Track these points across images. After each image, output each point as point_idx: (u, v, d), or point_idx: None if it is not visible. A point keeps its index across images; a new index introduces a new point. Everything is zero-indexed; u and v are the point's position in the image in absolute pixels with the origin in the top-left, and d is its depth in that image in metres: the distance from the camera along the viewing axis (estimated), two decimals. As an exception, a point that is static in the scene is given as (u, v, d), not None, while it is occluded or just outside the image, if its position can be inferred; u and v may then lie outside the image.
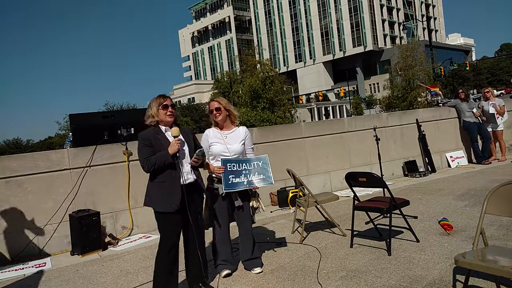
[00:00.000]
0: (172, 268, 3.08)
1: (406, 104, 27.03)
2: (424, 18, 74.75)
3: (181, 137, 3.08)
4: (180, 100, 77.50)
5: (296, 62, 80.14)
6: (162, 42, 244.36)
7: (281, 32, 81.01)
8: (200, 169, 3.31)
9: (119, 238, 5.20)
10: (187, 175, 3.09)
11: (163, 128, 3.12)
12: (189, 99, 78.84)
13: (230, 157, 3.53)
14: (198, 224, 3.19)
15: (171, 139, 3.04)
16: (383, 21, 73.27)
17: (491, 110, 8.32)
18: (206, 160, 3.62)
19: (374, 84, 70.62)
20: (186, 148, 3.13)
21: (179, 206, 2.98)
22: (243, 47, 73.79)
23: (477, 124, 8.33)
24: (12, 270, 4.34)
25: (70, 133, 6.34)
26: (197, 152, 3.11)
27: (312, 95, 69.02)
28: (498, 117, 8.33)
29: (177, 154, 3.01)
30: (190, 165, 3.12)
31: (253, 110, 31.61)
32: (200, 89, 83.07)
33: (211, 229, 3.67)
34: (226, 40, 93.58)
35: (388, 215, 3.74)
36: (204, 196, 3.32)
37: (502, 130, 8.39)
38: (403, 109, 25.31)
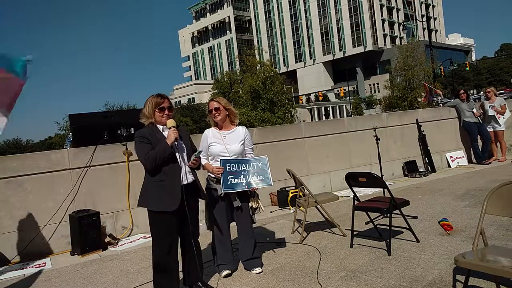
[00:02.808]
0: (172, 270, 3.02)
1: (406, 104, 27.04)
2: (424, 18, 74.69)
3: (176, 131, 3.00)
4: (180, 100, 77.51)
5: (296, 62, 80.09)
6: (162, 42, 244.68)
7: (281, 32, 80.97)
8: (199, 170, 3.30)
9: (119, 238, 5.20)
10: (186, 176, 3.05)
11: (160, 127, 3.07)
12: (189, 99, 78.86)
13: (229, 158, 3.53)
14: (195, 225, 3.17)
15: None
16: (383, 21, 73.24)
17: (490, 112, 8.32)
18: (206, 160, 3.63)
19: (374, 84, 70.59)
20: (184, 148, 3.10)
21: (178, 205, 2.93)
22: (243, 47, 73.73)
23: (477, 124, 8.33)
24: (12, 270, 4.34)
25: (70, 133, 6.34)
26: (195, 153, 3.10)
27: (312, 96, 69.05)
28: (500, 117, 8.32)
29: (176, 144, 2.96)
30: (188, 167, 3.09)
31: (254, 110, 31.62)
32: (200, 89, 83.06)
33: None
34: (226, 40, 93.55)
35: (388, 215, 3.74)
36: (202, 197, 3.27)
37: (504, 130, 8.38)
38: (403, 109, 25.32)
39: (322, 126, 7.65)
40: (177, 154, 3.00)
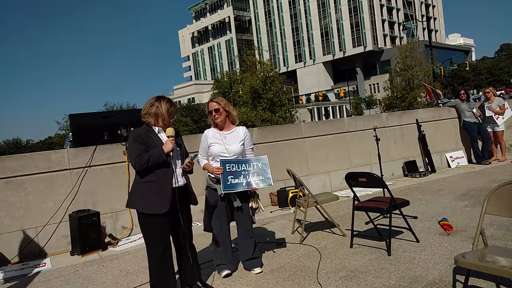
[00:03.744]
0: (168, 271, 3.00)
1: (406, 104, 27.01)
2: (424, 18, 74.72)
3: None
4: (180, 100, 77.56)
5: (296, 62, 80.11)
6: (162, 42, 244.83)
7: (281, 32, 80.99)
8: (198, 170, 3.28)
9: (119, 238, 5.20)
10: (178, 178, 3.02)
11: (156, 129, 3.06)
12: (189, 99, 78.95)
13: (229, 158, 3.53)
14: (188, 227, 3.14)
15: (164, 139, 2.99)
16: (383, 21, 73.26)
17: (488, 113, 8.33)
18: (205, 160, 3.63)
19: (374, 84, 70.61)
20: (178, 153, 3.07)
21: (168, 208, 2.89)
22: (243, 47, 73.74)
23: (477, 124, 8.33)
24: (12, 270, 4.34)
25: (70, 133, 6.34)
26: (191, 156, 3.08)
27: (312, 96, 69.05)
28: (498, 118, 8.31)
29: (171, 154, 2.94)
30: (181, 169, 3.06)
31: (254, 110, 31.61)
32: (200, 89, 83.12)
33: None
34: (226, 40, 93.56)
35: (388, 215, 3.74)
36: (193, 202, 3.21)
37: (503, 130, 8.38)
38: (403, 109, 25.29)
39: (322, 126, 7.65)
40: (171, 160, 2.98)
